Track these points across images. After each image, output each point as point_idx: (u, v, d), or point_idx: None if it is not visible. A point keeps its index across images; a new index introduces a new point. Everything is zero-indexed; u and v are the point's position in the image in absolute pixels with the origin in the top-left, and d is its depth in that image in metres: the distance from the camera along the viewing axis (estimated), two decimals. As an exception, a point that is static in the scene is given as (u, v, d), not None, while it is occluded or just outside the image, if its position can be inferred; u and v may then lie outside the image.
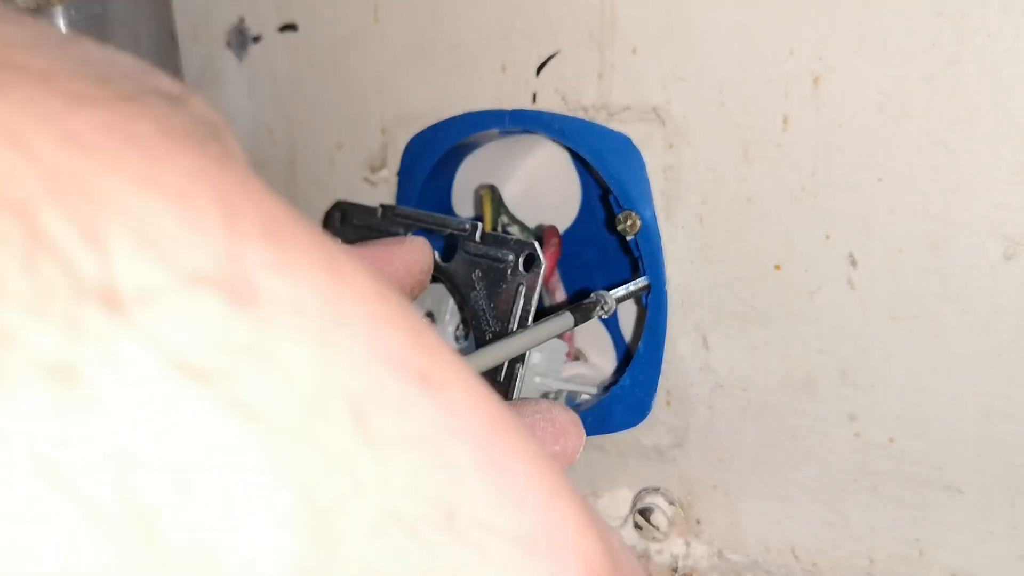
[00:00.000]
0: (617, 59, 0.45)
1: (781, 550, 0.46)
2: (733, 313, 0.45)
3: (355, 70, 0.54)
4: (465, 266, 0.42)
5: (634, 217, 0.45)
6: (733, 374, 0.45)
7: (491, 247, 0.42)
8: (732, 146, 0.43)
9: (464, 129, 0.50)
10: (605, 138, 0.45)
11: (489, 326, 0.41)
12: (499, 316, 0.41)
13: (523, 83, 0.48)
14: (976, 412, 0.40)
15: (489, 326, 0.41)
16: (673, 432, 0.48)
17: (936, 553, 0.42)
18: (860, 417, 0.43)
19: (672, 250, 0.45)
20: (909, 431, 0.42)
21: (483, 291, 0.41)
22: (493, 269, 0.41)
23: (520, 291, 0.40)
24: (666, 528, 0.47)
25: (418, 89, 0.52)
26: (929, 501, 0.42)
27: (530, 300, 0.40)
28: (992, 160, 0.37)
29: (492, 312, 0.41)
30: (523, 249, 0.40)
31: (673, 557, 0.47)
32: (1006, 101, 0.36)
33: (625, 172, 0.45)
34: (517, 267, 0.40)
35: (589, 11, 0.45)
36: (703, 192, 0.44)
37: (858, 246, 0.41)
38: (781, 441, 0.45)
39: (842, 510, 0.44)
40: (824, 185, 0.41)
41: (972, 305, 0.39)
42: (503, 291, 0.41)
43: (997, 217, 0.38)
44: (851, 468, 0.43)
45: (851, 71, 0.39)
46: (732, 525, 0.47)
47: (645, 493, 0.49)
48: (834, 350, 0.42)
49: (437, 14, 0.50)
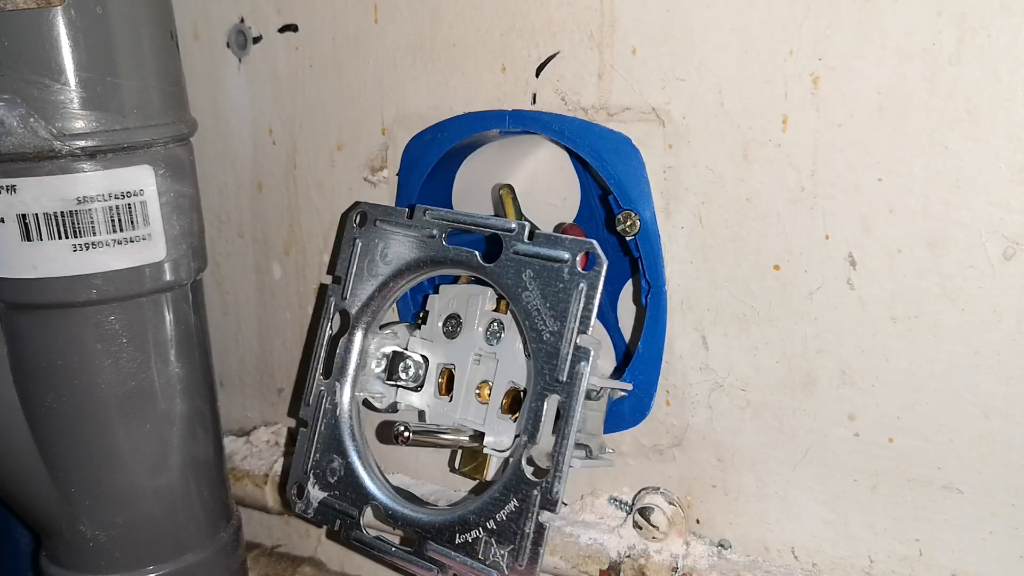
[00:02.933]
0: (617, 60, 0.45)
1: (781, 550, 0.46)
2: (733, 313, 0.45)
3: (355, 70, 0.54)
4: (514, 266, 0.42)
5: (634, 217, 0.45)
6: (733, 374, 0.45)
7: (543, 247, 0.42)
8: (732, 146, 0.43)
9: (464, 129, 0.50)
10: (605, 138, 0.45)
11: (546, 325, 0.41)
12: (557, 315, 0.41)
13: (523, 83, 0.48)
14: (976, 412, 0.40)
15: (546, 325, 0.41)
16: (673, 432, 0.48)
17: (936, 553, 0.42)
18: (860, 417, 0.43)
19: (672, 250, 0.45)
20: (909, 431, 0.42)
21: (536, 291, 0.41)
22: (547, 268, 0.41)
23: (581, 290, 0.40)
24: (666, 528, 0.47)
25: (418, 89, 0.52)
26: (929, 501, 0.42)
27: (592, 299, 0.40)
28: (992, 160, 0.37)
29: (549, 312, 0.41)
30: (581, 248, 0.40)
31: (673, 557, 0.47)
32: (1006, 101, 0.36)
33: (625, 172, 0.45)
34: (575, 266, 0.40)
35: (589, 11, 0.45)
36: (702, 192, 0.44)
37: (858, 246, 0.41)
38: (781, 441, 0.45)
39: (842, 510, 0.44)
40: (824, 185, 0.41)
41: (972, 305, 0.39)
42: (560, 290, 0.41)
43: (997, 217, 0.38)
44: (851, 468, 0.43)
45: (851, 71, 0.39)
46: (732, 525, 0.47)
47: (645, 493, 0.49)
48: (834, 350, 0.42)
49: (437, 14, 0.50)
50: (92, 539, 0.48)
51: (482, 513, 0.42)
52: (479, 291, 0.47)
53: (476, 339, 0.46)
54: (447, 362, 0.48)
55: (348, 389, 0.48)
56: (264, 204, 0.61)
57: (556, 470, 0.40)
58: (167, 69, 0.47)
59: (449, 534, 0.43)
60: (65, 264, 0.44)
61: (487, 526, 0.42)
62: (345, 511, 0.47)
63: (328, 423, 0.48)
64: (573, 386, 0.40)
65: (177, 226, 0.47)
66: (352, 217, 0.49)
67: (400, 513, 0.45)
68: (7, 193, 0.43)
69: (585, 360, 0.40)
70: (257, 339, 0.65)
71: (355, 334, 0.48)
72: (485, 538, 0.42)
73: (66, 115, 0.42)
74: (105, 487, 0.48)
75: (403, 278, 0.47)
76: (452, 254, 0.45)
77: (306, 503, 0.48)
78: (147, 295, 0.46)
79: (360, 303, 0.48)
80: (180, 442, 0.49)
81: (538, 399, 0.41)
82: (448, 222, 0.45)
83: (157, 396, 0.48)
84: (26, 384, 0.47)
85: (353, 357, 0.48)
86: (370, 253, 0.48)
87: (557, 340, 0.40)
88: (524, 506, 0.40)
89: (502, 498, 0.41)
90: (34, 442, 0.47)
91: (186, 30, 0.60)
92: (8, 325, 0.46)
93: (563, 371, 0.40)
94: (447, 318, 0.48)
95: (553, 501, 0.40)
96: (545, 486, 0.40)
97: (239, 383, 0.67)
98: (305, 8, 0.55)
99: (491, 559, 0.41)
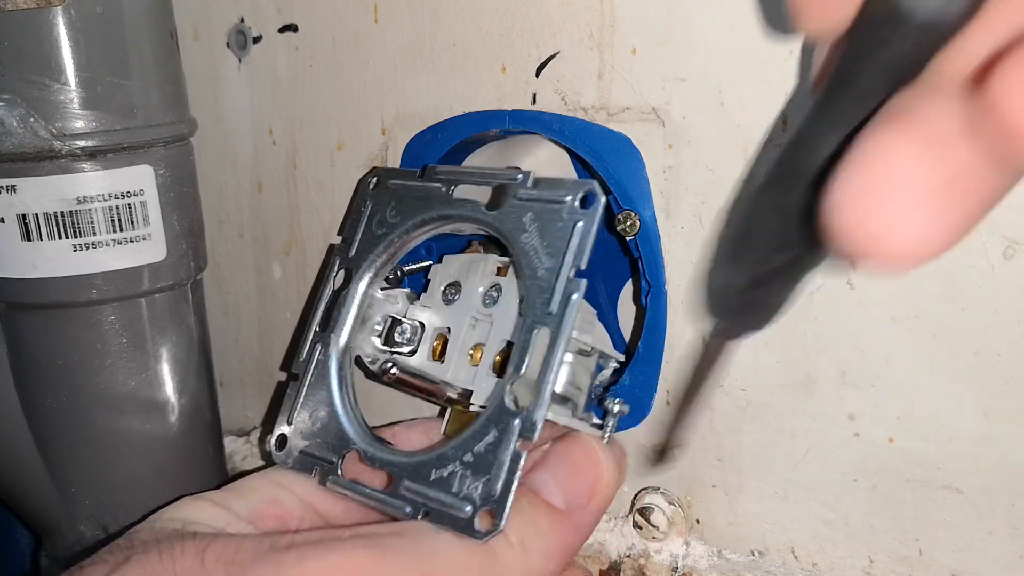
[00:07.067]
0: (617, 60, 0.45)
1: (781, 550, 0.46)
2: (733, 313, 0.45)
3: (355, 70, 0.54)
4: (515, 211, 0.42)
5: (634, 217, 0.45)
6: (733, 374, 0.45)
7: (545, 190, 0.41)
8: (732, 146, 0.43)
9: (464, 129, 0.50)
10: (605, 138, 0.45)
11: (542, 263, 0.40)
12: (553, 252, 0.40)
13: (523, 83, 0.48)
14: (976, 412, 0.40)
15: (542, 263, 0.40)
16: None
17: (936, 553, 0.42)
18: (860, 417, 0.43)
19: (672, 250, 0.45)
20: (909, 431, 0.42)
21: (535, 232, 0.41)
22: (547, 210, 0.41)
23: (576, 227, 0.40)
24: (665, 528, 0.47)
25: (418, 89, 0.52)
26: (929, 501, 0.42)
27: (587, 234, 0.39)
28: (992, 160, 0.37)
29: (545, 250, 0.40)
30: (581, 187, 0.40)
31: (673, 557, 0.47)
32: (1006, 101, 0.36)
33: (625, 172, 0.45)
34: (574, 205, 0.40)
35: (589, 12, 0.45)
36: (703, 192, 0.44)
37: (858, 246, 0.41)
38: (781, 441, 0.45)
39: (842, 510, 0.44)
40: (824, 185, 0.41)
41: (972, 305, 0.39)
42: (558, 229, 0.40)
43: (997, 217, 0.38)
44: (851, 468, 0.43)
45: (851, 71, 0.39)
46: (732, 525, 0.47)
47: (645, 493, 0.49)
48: (834, 350, 0.42)
49: (437, 14, 0.50)
50: (92, 539, 0.48)
51: (460, 447, 0.41)
52: (481, 258, 0.47)
53: (474, 303, 0.46)
54: (443, 326, 0.47)
55: (344, 340, 0.48)
56: (264, 204, 0.61)
57: (538, 396, 0.39)
58: (167, 69, 0.47)
59: (425, 472, 0.42)
60: (65, 264, 0.44)
61: (463, 459, 0.40)
62: (324, 457, 0.46)
63: (319, 373, 0.48)
64: (562, 315, 0.39)
65: (177, 226, 0.47)
66: (369, 181, 0.49)
67: (378, 456, 0.44)
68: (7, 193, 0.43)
69: (577, 292, 0.39)
70: (257, 339, 0.65)
71: (357, 287, 0.48)
72: (460, 471, 0.40)
73: (66, 115, 0.42)
74: (105, 487, 0.48)
75: (410, 234, 0.47)
76: (458, 206, 0.45)
77: (287, 454, 0.47)
78: (147, 295, 0.46)
79: (366, 259, 0.48)
80: (180, 442, 0.49)
81: (527, 332, 0.40)
82: (455, 177, 0.45)
83: (157, 396, 0.48)
84: (26, 384, 0.47)
85: (352, 309, 0.48)
86: (379, 212, 0.48)
87: (550, 276, 0.40)
88: (503, 436, 0.39)
89: (482, 431, 0.40)
90: (34, 442, 0.47)
91: (186, 30, 0.60)
92: (8, 325, 0.46)
93: (555, 303, 0.39)
94: (447, 286, 0.48)
95: (532, 428, 0.38)
96: (526, 414, 0.39)
97: (239, 383, 0.67)
98: (305, 8, 0.55)
99: (464, 492, 0.40)
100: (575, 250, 0.39)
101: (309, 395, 0.48)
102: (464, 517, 0.39)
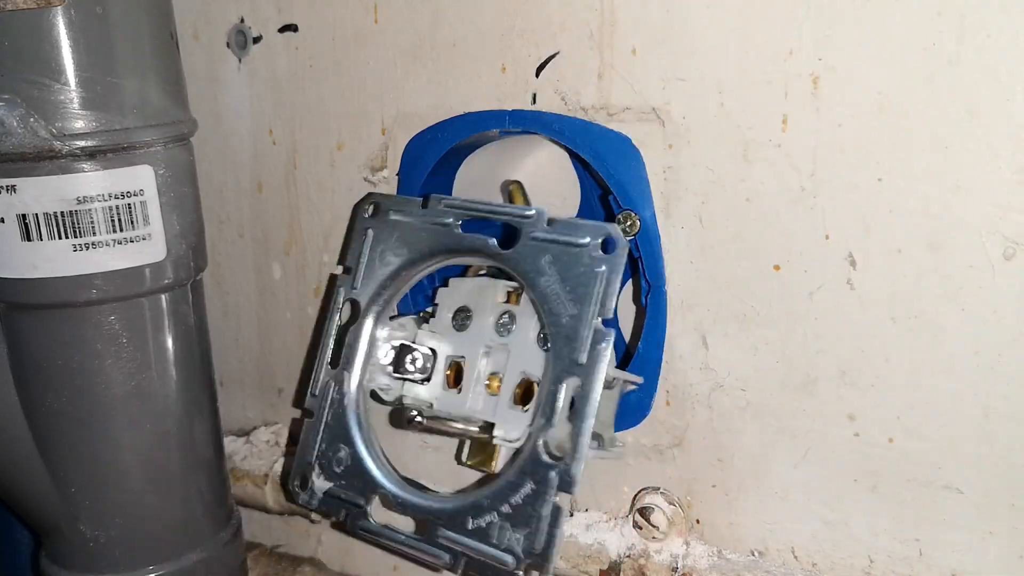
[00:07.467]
0: (617, 60, 0.45)
1: (781, 550, 0.46)
2: (733, 313, 0.45)
3: (355, 70, 0.54)
4: (532, 252, 0.42)
5: (634, 217, 0.45)
6: (733, 374, 0.45)
7: (561, 232, 0.42)
8: (732, 146, 0.43)
9: (464, 129, 0.50)
10: (605, 138, 0.45)
11: (565, 309, 0.41)
12: (576, 299, 0.40)
13: (523, 83, 0.48)
14: (976, 412, 0.40)
15: (565, 309, 0.41)
16: (673, 432, 0.48)
17: (936, 553, 0.42)
18: (860, 417, 0.43)
19: (672, 250, 0.45)
20: (909, 431, 0.42)
21: (555, 275, 0.41)
22: (567, 253, 0.41)
23: (602, 274, 0.40)
24: (666, 528, 0.47)
25: (418, 89, 0.52)
26: (929, 501, 0.42)
27: (612, 282, 0.40)
28: (992, 160, 0.37)
29: (568, 296, 0.41)
30: (601, 231, 0.40)
31: (673, 557, 0.47)
32: (1006, 101, 0.36)
33: (625, 172, 0.45)
34: (595, 250, 0.40)
35: (589, 12, 0.45)
36: (703, 192, 0.44)
37: (857, 246, 0.41)
38: (781, 441, 0.45)
39: (842, 510, 0.44)
40: (823, 185, 0.41)
41: (972, 305, 0.39)
42: (580, 274, 0.41)
43: (997, 217, 0.38)
44: (851, 468, 0.43)
45: (851, 71, 0.39)
46: (732, 525, 0.47)
47: (645, 493, 0.49)
48: (834, 350, 0.42)
49: (437, 14, 0.50)
50: (92, 539, 0.48)
51: (496, 497, 0.41)
52: (489, 283, 0.47)
53: (486, 331, 0.46)
54: (456, 355, 0.47)
55: (356, 378, 0.48)
56: (264, 204, 0.61)
57: (575, 451, 0.39)
58: (167, 69, 0.47)
59: (461, 520, 0.42)
60: (65, 264, 0.44)
61: (501, 510, 0.41)
62: (351, 500, 0.46)
63: (335, 412, 0.48)
64: (592, 367, 0.40)
65: (177, 226, 0.47)
66: (364, 207, 0.49)
67: (409, 501, 0.45)
68: (7, 193, 0.43)
69: (605, 342, 0.40)
70: (257, 339, 0.65)
71: (364, 323, 0.48)
72: (499, 523, 0.41)
73: (66, 115, 0.42)
74: (105, 487, 0.48)
75: (416, 267, 0.47)
76: (467, 242, 0.45)
77: (310, 494, 0.48)
78: (147, 295, 0.46)
79: (371, 292, 0.48)
80: (180, 442, 0.49)
81: (555, 382, 0.41)
82: (464, 210, 0.45)
83: (157, 396, 0.48)
84: (26, 384, 0.47)
85: (362, 346, 0.48)
86: (382, 243, 0.48)
87: (576, 323, 0.40)
88: (541, 489, 0.40)
89: (517, 482, 0.41)
90: (34, 442, 0.47)
91: (186, 30, 0.60)
92: (8, 325, 0.46)
93: (583, 353, 0.40)
94: (456, 311, 0.48)
95: (571, 482, 0.39)
96: (563, 467, 0.40)
97: (239, 383, 0.67)
98: (305, 8, 0.55)
99: (506, 543, 0.41)
100: (601, 298, 0.40)
101: (327, 434, 0.48)
102: (507, 569, 0.40)
